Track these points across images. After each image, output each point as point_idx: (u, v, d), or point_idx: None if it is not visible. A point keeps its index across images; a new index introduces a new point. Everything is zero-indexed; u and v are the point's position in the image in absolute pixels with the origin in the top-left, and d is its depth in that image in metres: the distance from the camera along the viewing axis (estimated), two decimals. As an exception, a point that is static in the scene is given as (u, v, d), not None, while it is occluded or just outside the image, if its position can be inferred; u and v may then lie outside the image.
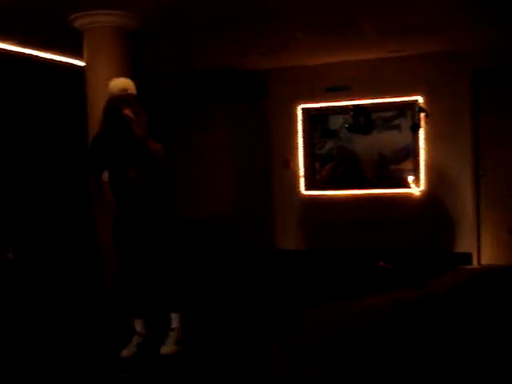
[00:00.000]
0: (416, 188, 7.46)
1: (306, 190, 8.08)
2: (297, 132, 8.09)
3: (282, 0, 4.99)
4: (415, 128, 7.12)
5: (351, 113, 7.51)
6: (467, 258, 7.30)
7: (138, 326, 4.26)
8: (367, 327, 4.75)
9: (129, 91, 4.11)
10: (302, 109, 8.03)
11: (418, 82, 7.39)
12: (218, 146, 8.42)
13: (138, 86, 4.26)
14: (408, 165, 7.54)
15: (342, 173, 7.94)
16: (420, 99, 7.36)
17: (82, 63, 5.85)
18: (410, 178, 7.44)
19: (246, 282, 6.68)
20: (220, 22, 5.58)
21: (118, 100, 4.01)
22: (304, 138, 8.04)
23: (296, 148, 8.11)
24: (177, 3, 4.90)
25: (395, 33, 6.27)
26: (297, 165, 8.11)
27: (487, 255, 7.30)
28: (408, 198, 7.53)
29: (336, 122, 7.89)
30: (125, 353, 4.16)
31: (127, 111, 3.96)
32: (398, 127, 7.60)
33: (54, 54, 6.70)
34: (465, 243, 7.35)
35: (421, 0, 5.13)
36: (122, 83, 4.14)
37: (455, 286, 6.20)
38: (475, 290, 6.04)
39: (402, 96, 7.47)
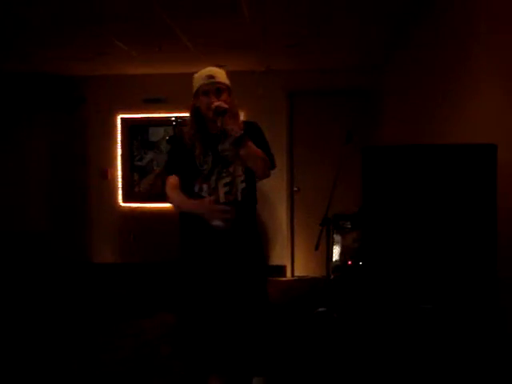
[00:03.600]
0: (234, 202, 7.55)
1: (124, 201, 7.85)
2: (116, 142, 7.84)
3: (97, 4, 4.78)
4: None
5: (172, 125, 7.42)
6: (282, 270, 7.57)
7: None
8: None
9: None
10: (122, 119, 7.80)
11: (238, 98, 7.49)
12: (29, 155, 7.87)
13: None
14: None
15: (162, 185, 7.81)
16: (241, 115, 7.48)
17: None
18: (229, 192, 7.51)
19: (56, 297, 6.30)
20: (28, 20, 5.16)
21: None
22: (123, 148, 7.81)
23: (115, 159, 7.85)
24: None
25: (217, 48, 6.33)
26: (115, 176, 7.85)
27: (300, 267, 7.63)
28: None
29: (156, 134, 7.78)
30: None
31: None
32: (218, 141, 7.66)
33: None
34: (279, 256, 7.61)
35: (235, 18, 5.18)
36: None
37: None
38: (287, 299, 6.28)
39: (222, 111, 7.54)
